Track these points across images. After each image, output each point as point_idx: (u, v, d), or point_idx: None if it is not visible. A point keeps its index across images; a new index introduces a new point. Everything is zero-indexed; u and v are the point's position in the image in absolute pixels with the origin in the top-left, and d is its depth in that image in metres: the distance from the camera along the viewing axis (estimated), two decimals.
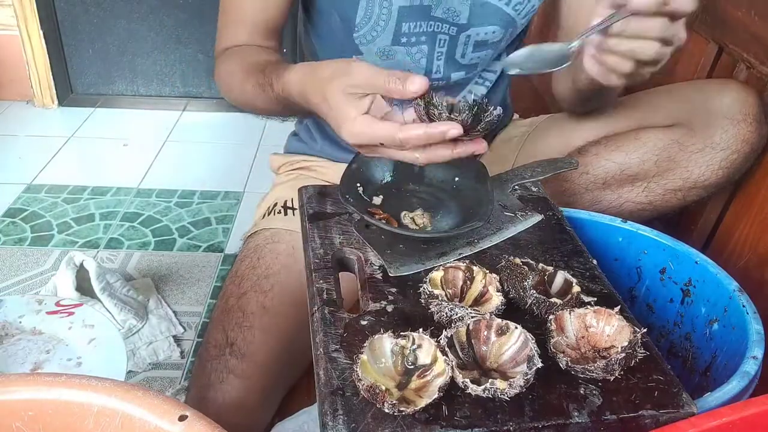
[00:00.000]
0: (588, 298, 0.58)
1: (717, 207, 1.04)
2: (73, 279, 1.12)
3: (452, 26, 0.92)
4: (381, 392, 0.47)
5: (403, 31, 0.92)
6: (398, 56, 0.95)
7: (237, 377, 0.79)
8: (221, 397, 0.77)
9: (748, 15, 0.99)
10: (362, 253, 0.66)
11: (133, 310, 1.18)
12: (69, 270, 1.13)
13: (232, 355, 0.80)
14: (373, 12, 0.90)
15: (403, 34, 0.92)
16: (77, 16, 2.12)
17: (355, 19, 0.91)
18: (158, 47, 2.20)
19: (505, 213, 0.73)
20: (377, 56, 0.95)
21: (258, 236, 0.96)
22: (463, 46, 0.95)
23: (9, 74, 2.14)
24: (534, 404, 0.49)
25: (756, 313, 0.66)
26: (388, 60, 0.95)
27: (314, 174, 1.06)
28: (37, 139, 2.01)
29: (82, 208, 1.66)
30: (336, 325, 0.56)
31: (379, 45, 0.93)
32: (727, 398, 0.57)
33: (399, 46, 0.94)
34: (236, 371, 0.79)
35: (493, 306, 0.58)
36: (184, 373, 1.15)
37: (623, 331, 0.54)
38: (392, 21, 0.91)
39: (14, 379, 0.53)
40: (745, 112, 0.88)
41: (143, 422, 0.50)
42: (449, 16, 0.91)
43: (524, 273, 0.60)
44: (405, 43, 0.93)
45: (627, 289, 0.83)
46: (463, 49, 0.95)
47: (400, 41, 0.93)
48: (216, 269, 1.45)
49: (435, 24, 0.92)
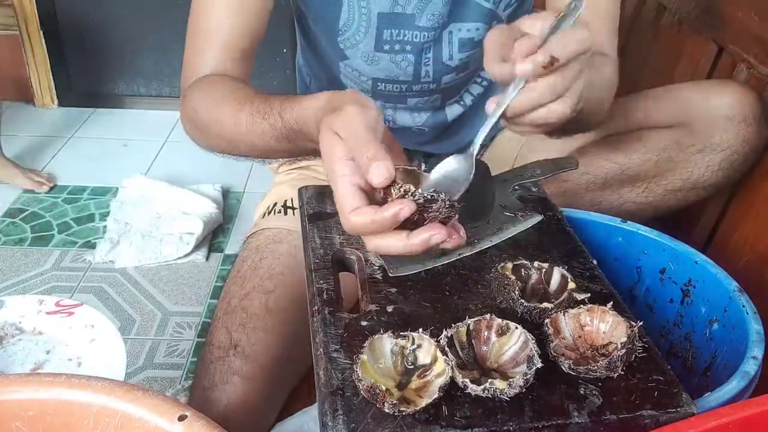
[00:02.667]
0: (581, 296, 0.58)
1: (717, 207, 1.04)
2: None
3: (428, 32, 0.91)
4: (381, 392, 0.47)
5: (384, 38, 0.90)
6: (382, 62, 0.94)
7: (241, 378, 0.79)
8: (226, 398, 0.77)
9: (748, 15, 0.99)
10: (362, 253, 0.66)
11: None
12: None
13: (236, 356, 0.80)
14: (354, 17, 0.89)
15: (385, 41, 0.91)
16: (77, 16, 2.12)
17: (338, 23, 0.91)
18: (158, 47, 2.20)
19: (505, 213, 0.73)
20: (362, 60, 0.94)
21: (259, 236, 0.96)
22: (449, 47, 0.93)
23: (9, 74, 2.14)
24: (534, 404, 0.49)
25: (756, 313, 0.66)
26: (373, 65, 0.94)
27: (314, 173, 1.06)
28: (37, 139, 2.01)
29: (82, 208, 1.66)
30: (336, 325, 0.56)
31: (362, 49, 0.92)
32: (727, 398, 0.57)
33: (382, 53, 0.92)
34: (240, 372, 0.79)
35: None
36: (184, 373, 1.15)
37: (619, 326, 0.54)
38: (372, 28, 0.90)
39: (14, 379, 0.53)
40: (745, 113, 0.88)
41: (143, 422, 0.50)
42: (434, 22, 0.90)
43: (512, 283, 0.59)
44: (388, 51, 0.92)
45: (627, 289, 0.83)
46: (449, 50, 0.94)
47: (383, 48, 0.92)
48: (216, 269, 1.45)
49: (421, 33, 0.91)
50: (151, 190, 1.64)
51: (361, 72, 0.96)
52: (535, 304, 0.58)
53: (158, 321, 1.29)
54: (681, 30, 1.21)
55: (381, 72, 0.95)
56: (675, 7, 1.22)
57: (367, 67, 0.95)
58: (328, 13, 0.90)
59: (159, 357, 1.20)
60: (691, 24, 1.16)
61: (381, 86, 0.97)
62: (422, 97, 1.00)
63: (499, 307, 0.60)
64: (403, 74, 0.95)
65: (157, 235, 1.49)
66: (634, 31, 1.38)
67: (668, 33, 1.25)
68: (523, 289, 0.61)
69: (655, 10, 1.31)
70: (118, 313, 1.30)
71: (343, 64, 0.96)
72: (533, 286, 0.62)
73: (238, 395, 0.78)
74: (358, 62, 0.94)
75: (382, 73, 0.95)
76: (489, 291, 0.62)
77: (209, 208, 1.57)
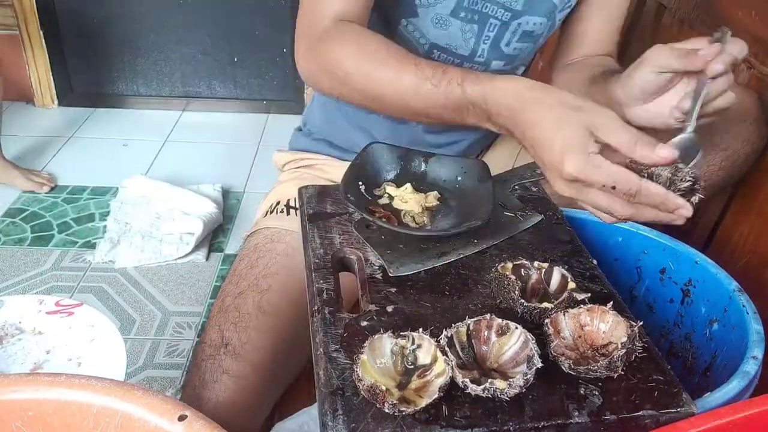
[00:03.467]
0: (581, 296, 0.58)
1: (717, 207, 1.04)
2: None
3: (507, 12, 0.90)
4: (381, 392, 0.47)
5: (465, 4, 0.89)
6: (451, 29, 0.91)
7: (231, 377, 0.78)
8: (215, 397, 0.77)
9: (748, 15, 0.99)
10: (362, 253, 0.66)
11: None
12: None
13: (227, 354, 0.80)
14: None
15: (463, 8, 0.89)
16: (77, 15, 2.12)
17: None
18: (158, 47, 2.20)
19: (505, 213, 0.73)
20: (431, 22, 0.91)
21: (258, 235, 0.96)
22: (511, 35, 0.93)
23: (9, 74, 2.14)
24: (534, 404, 0.49)
25: (756, 313, 0.66)
26: (440, 29, 0.91)
27: (319, 173, 1.05)
28: (37, 139, 2.01)
29: (82, 208, 1.66)
30: (336, 325, 0.56)
31: (438, 11, 0.90)
32: (727, 398, 0.57)
33: (456, 19, 0.90)
34: (230, 371, 0.79)
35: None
36: (184, 373, 1.15)
37: (619, 326, 0.54)
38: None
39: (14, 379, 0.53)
40: (746, 113, 0.88)
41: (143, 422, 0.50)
42: (517, 5, 0.90)
43: (512, 283, 0.59)
44: (462, 18, 0.90)
45: (627, 289, 0.83)
46: (509, 38, 0.93)
47: (459, 14, 0.90)
48: (216, 269, 1.45)
49: (491, 7, 0.90)
50: (151, 190, 1.64)
51: (423, 34, 0.93)
52: (535, 304, 0.58)
53: (158, 321, 1.29)
54: (681, 30, 1.20)
55: (444, 39, 0.93)
56: (675, 7, 1.22)
57: (433, 30, 0.92)
58: None
59: (159, 357, 1.20)
60: (691, 24, 1.16)
61: (436, 54, 0.95)
62: None
63: (499, 307, 0.60)
64: (462, 47, 0.93)
65: (157, 235, 1.49)
66: (634, 31, 1.38)
67: (668, 33, 1.25)
68: (523, 289, 0.61)
69: (655, 10, 1.31)
70: (118, 313, 1.30)
71: (407, 21, 0.92)
72: (533, 286, 0.62)
73: (228, 394, 0.77)
74: (426, 23, 0.91)
75: (444, 40, 0.93)
76: (489, 291, 0.62)
77: (209, 208, 1.57)
